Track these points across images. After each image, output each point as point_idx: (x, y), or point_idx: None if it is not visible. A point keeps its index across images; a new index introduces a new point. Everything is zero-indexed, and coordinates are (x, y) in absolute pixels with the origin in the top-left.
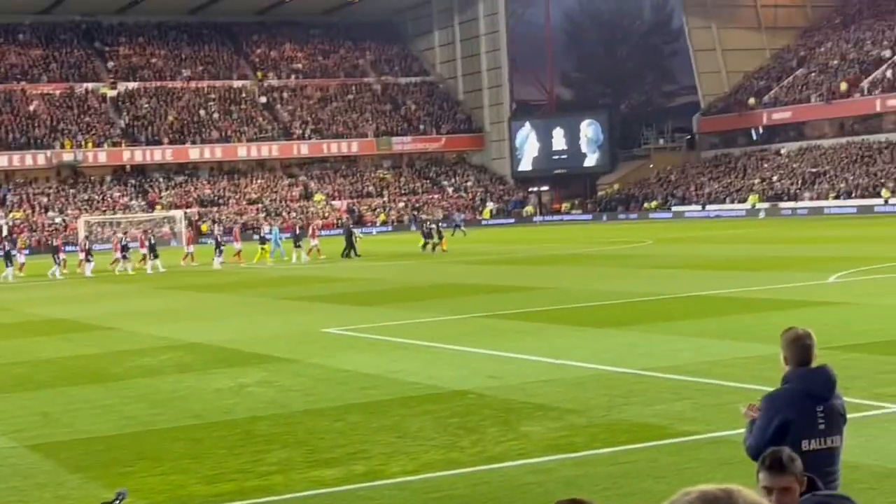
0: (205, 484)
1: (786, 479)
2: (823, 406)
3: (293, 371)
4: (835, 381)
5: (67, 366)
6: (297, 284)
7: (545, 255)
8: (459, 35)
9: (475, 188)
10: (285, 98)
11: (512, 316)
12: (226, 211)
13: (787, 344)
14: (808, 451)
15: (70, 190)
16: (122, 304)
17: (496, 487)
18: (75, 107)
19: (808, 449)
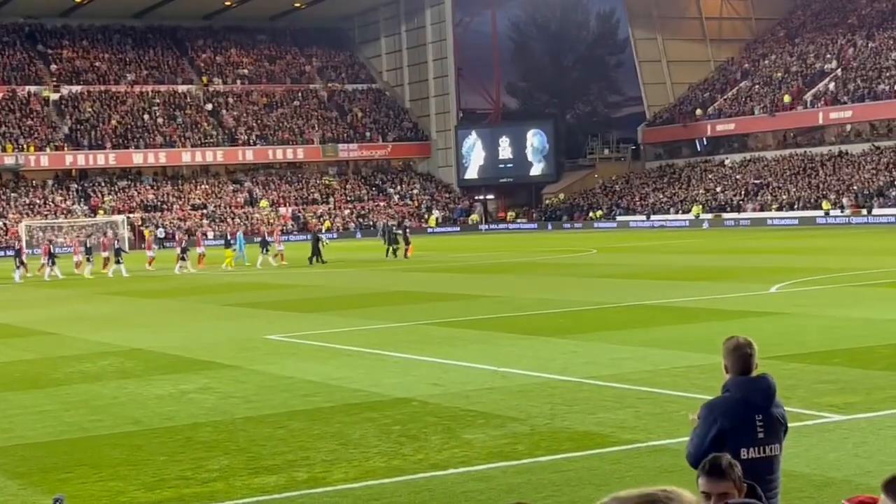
0: (145, 491)
1: (724, 485)
2: (763, 415)
3: (235, 378)
4: (775, 390)
5: (5, 371)
6: (241, 291)
7: (490, 264)
8: (406, 43)
9: (421, 196)
10: (231, 103)
11: (456, 324)
12: (169, 216)
13: (727, 353)
14: (747, 460)
15: (11, 194)
16: (63, 308)
17: (439, 494)
18: (17, 110)
19: (747, 457)
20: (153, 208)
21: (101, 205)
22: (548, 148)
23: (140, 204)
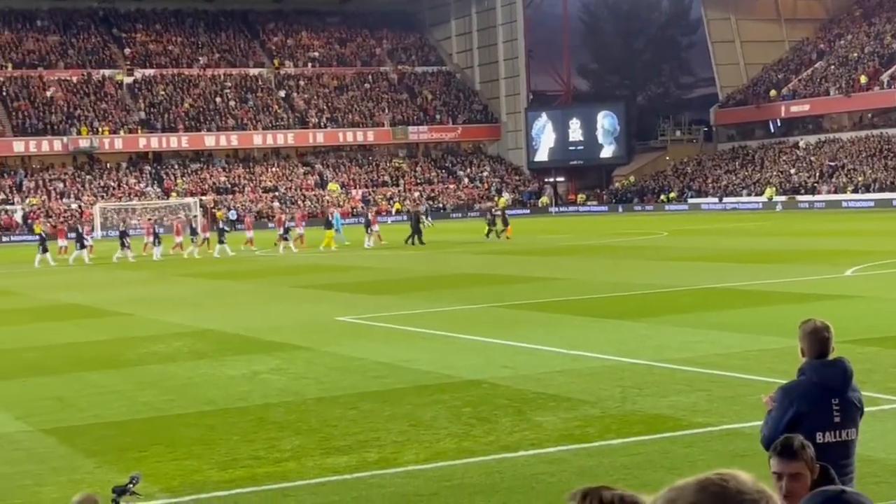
0: (218, 470)
1: (796, 466)
2: (839, 398)
3: (307, 359)
4: (851, 374)
5: (82, 351)
6: (313, 273)
7: (560, 247)
8: (477, 24)
9: (491, 178)
10: (301, 86)
11: (526, 306)
12: (241, 199)
13: (804, 336)
14: (823, 444)
15: (86, 176)
16: (137, 290)
17: (509, 477)
18: (92, 93)
19: (823, 441)
20: (225, 191)
21: (174, 187)
22: (619, 130)
23: (212, 186)
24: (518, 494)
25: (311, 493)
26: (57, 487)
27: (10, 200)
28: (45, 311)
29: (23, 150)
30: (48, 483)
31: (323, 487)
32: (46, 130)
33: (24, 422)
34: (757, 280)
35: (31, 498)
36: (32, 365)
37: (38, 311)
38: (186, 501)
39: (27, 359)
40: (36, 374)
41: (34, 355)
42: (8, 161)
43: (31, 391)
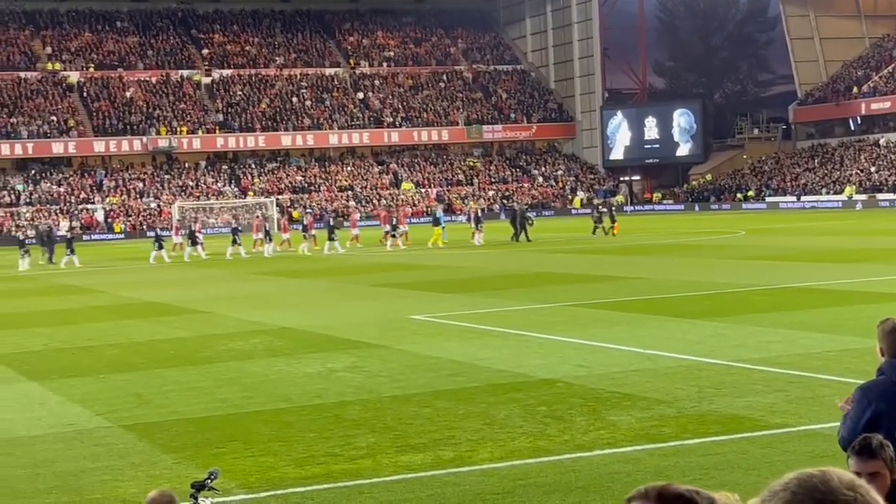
0: (295, 466)
1: (874, 465)
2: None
3: (382, 357)
4: None
5: (161, 348)
6: (387, 271)
7: (636, 245)
8: (552, 23)
9: (565, 177)
10: (377, 86)
11: (601, 305)
12: (316, 198)
13: (883, 335)
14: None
15: (165, 176)
16: (215, 288)
17: (584, 475)
18: (170, 93)
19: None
20: (301, 190)
21: (251, 186)
22: (695, 128)
23: (288, 185)
24: (593, 494)
25: (386, 490)
26: (136, 483)
27: (91, 199)
28: (126, 308)
29: (103, 150)
30: (127, 478)
31: (398, 485)
32: (126, 130)
33: (104, 417)
34: (836, 280)
35: (111, 493)
36: (113, 361)
37: (119, 309)
38: (263, 497)
39: (108, 355)
40: (116, 371)
41: (115, 352)
42: (89, 161)
43: (112, 387)
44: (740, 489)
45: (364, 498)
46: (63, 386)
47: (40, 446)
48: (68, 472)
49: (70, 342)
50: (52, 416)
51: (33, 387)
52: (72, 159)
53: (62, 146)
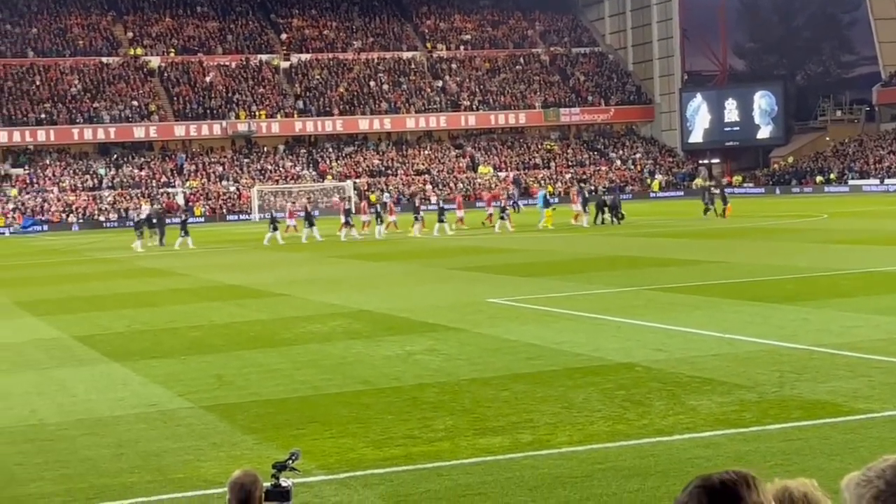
0: (373, 448)
1: None
2: None
3: (459, 340)
4: None
5: (241, 330)
6: (464, 255)
7: (715, 229)
8: (630, 5)
9: (644, 160)
10: (454, 69)
11: (680, 289)
12: (394, 181)
13: None
14: None
15: (244, 160)
16: (293, 271)
17: (664, 460)
18: (250, 78)
19: None
20: (378, 173)
21: (329, 170)
22: (776, 110)
23: (366, 169)
24: (673, 478)
25: (464, 472)
26: (217, 463)
27: (172, 183)
28: (207, 291)
29: (183, 134)
30: (209, 458)
31: (477, 467)
32: (206, 115)
33: (185, 398)
34: None
35: (193, 472)
36: (194, 343)
37: (200, 292)
38: (343, 478)
39: (190, 337)
40: (197, 353)
41: (196, 334)
42: (169, 145)
43: (193, 369)
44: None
45: (443, 480)
46: (145, 367)
47: (123, 426)
48: (151, 451)
49: (152, 324)
50: (135, 397)
51: (116, 368)
52: (153, 143)
53: (143, 130)
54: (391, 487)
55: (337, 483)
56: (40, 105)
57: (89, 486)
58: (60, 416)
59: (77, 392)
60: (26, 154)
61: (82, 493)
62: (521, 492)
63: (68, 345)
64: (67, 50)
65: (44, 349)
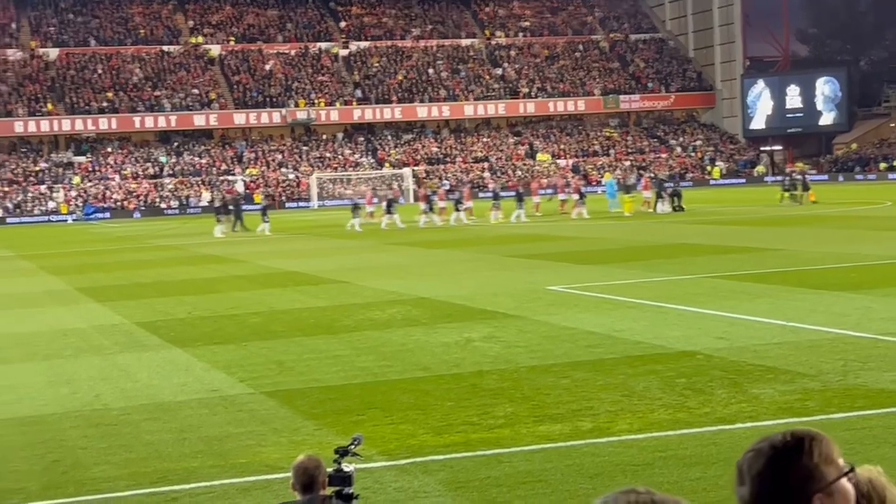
0: (433, 434)
1: None
2: None
3: (518, 327)
4: None
5: (301, 317)
6: (523, 242)
7: (777, 216)
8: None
9: (704, 147)
10: (512, 56)
11: (741, 277)
12: (452, 169)
13: None
14: None
15: (303, 147)
16: (353, 258)
17: (726, 449)
18: (309, 66)
19: None
20: (436, 161)
21: (388, 158)
22: (840, 96)
23: (424, 157)
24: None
25: (524, 459)
26: (278, 448)
27: (232, 171)
28: (267, 278)
29: (243, 122)
30: (270, 443)
31: (537, 455)
32: (266, 103)
33: (247, 384)
34: None
35: (255, 458)
36: (255, 329)
37: (260, 278)
38: (403, 465)
39: (250, 323)
40: (258, 339)
41: (257, 320)
42: (229, 133)
43: (254, 355)
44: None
45: (503, 467)
46: (207, 353)
47: (186, 411)
48: (213, 436)
49: (214, 310)
50: (197, 383)
51: (178, 353)
52: (213, 131)
53: (204, 118)
54: (451, 474)
55: (397, 469)
56: (102, 94)
57: (153, 471)
58: (124, 401)
59: (140, 377)
60: (89, 142)
61: (146, 478)
62: (581, 479)
63: (131, 331)
64: (129, 39)
65: (107, 335)
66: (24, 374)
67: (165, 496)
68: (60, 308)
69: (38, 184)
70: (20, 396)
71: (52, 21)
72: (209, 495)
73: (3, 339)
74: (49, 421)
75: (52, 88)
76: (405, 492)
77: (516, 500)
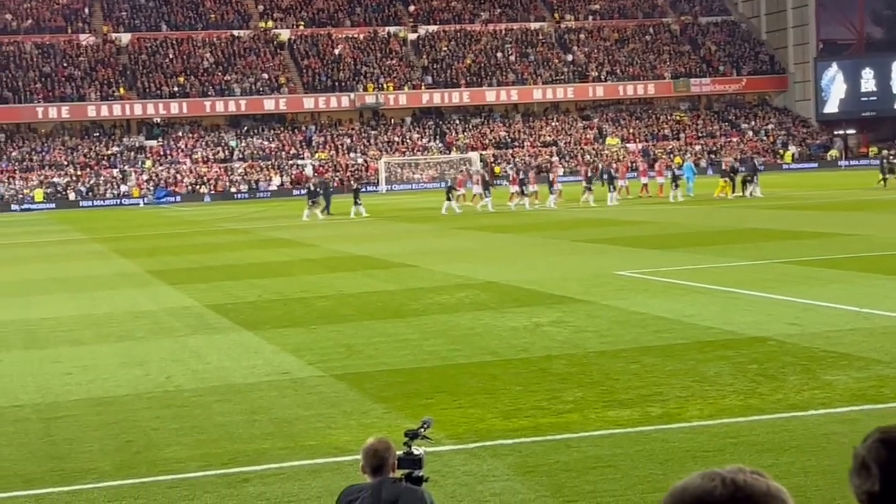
0: (502, 419)
1: None
2: None
3: (587, 312)
4: None
5: (369, 301)
6: (591, 227)
7: (851, 201)
8: None
9: (776, 131)
10: (581, 40)
11: (814, 263)
12: (520, 153)
13: None
14: None
15: (371, 132)
16: (420, 242)
17: (799, 435)
18: (377, 50)
19: None
20: (504, 145)
21: (456, 142)
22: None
23: (492, 141)
24: (808, 454)
25: (593, 444)
26: (347, 430)
27: (301, 155)
28: (335, 261)
29: (312, 106)
30: (340, 426)
31: (606, 440)
32: (334, 87)
33: (316, 367)
34: None
35: (325, 440)
36: (324, 313)
37: (329, 262)
38: (472, 448)
39: (319, 307)
40: (327, 322)
41: (326, 304)
42: (298, 117)
43: (323, 338)
44: None
45: (572, 451)
46: (277, 336)
47: (256, 393)
48: (283, 418)
49: (283, 293)
50: (267, 365)
51: (248, 336)
52: (282, 115)
53: (273, 103)
54: (520, 458)
55: (466, 453)
56: (173, 78)
57: (223, 452)
58: (195, 382)
59: (211, 359)
60: (160, 126)
61: (217, 459)
62: (650, 465)
63: (201, 313)
64: (200, 23)
65: (178, 317)
66: (98, 356)
67: (236, 477)
68: (133, 290)
69: (110, 167)
70: (94, 377)
71: (123, 6)
72: (279, 477)
73: (78, 321)
74: (122, 402)
75: (123, 73)
76: (474, 475)
77: (585, 485)
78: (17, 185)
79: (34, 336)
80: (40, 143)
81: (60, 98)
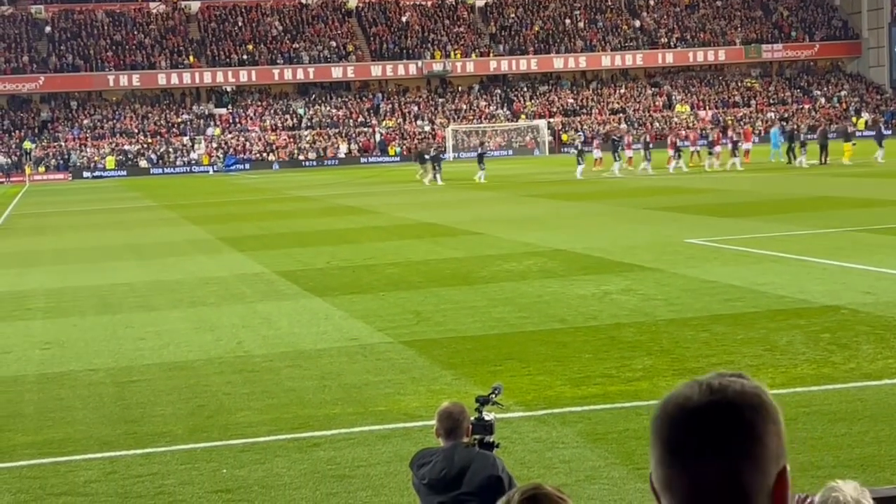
0: (571, 386)
1: None
2: None
3: (656, 280)
4: None
5: (437, 268)
6: (660, 195)
7: None
8: None
9: (849, 98)
10: (651, 5)
11: (888, 231)
12: (588, 120)
13: None
14: None
15: (439, 99)
16: (487, 210)
17: (872, 405)
18: (445, 17)
19: None
20: (572, 112)
21: (523, 109)
22: None
23: (560, 108)
24: (882, 423)
25: None
26: (417, 397)
27: (368, 123)
28: (403, 229)
29: (380, 74)
30: (409, 392)
31: None
32: (402, 55)
33: (385, 333)
34: None
35: (394, 406)
36: (392, 280)
37: (396, 230)
38: (541, 415)
39: (387, 274)
40: (395, 289)
41: (394, 271)
42: (366, 85)
43: (391, 304)
44: None
45: (641, 419)
46: (346, 302)
47: (326, 359)
48: (353, 384)
49: (351, 260)
50: (337, 331)
51: (318, 302)
52: (350, 83)
53: (341, 70)
54: (589, 425)
55: (535, 420)
56: (242, 46)
57: (294, 417)
58: (265, 348)
59: (281, 325)
60: (229, 94)
61: (287, 423)
62: None
63: (271, 279)
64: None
65: (248, 283)
66: (170, 321)
67: (307, 441)
68: (203, 256)
69: (180, 135)
70: (166, 342)
71: None
72: (349, 441)
73: (150, 287)
74: (194, 366)
75: (193, 41)
76: (543, 442)
77: None
78: (89, 153)
79: (107, 302)
80: (111, 110)
81: (131, 66)
